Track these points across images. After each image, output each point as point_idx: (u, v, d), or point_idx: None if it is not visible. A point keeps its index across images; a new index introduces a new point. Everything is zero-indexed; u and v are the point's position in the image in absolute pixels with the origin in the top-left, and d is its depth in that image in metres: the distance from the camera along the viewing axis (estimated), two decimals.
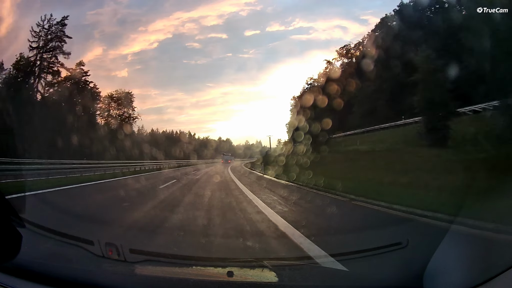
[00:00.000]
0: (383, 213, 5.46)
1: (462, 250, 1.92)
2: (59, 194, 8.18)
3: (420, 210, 4.92)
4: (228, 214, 5.82)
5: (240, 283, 1.71)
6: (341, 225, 4.92)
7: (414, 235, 3.74)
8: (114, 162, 23.36)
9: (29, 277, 1.58)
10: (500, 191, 3.82)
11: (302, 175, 12.35)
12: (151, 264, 2.13)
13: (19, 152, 15.84)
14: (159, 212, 5.87)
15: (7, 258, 1.57)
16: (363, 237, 3.73)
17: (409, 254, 2.30)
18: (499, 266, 1.33)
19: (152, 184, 12.32)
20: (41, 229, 2.86)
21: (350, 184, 8.43)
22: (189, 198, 8.06)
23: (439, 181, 6.91)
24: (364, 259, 2.60)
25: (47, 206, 6.12)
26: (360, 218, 5.64)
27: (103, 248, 2.04)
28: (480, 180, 5.59)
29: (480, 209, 3.81)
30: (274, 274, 1.89)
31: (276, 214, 5.39)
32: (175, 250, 3.34)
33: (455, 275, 1.53)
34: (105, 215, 5.76)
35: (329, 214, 5.79)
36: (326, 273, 2.14)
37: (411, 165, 10.49)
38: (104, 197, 8.53)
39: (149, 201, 7.31)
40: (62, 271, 1.66)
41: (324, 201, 7.24)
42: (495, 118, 12.00)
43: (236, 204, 6.94)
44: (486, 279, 1.32)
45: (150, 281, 1.73)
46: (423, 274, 1.63)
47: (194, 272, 2.12)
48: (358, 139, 24.34)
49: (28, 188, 8.17)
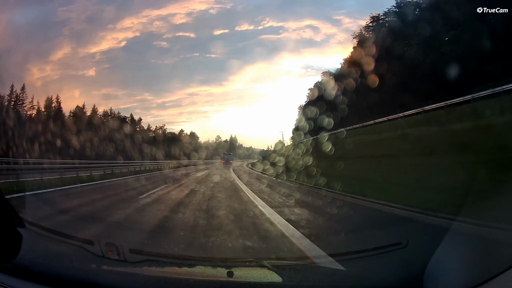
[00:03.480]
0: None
1: (462, 249, 1.92)
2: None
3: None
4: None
5: (240, 283, 1.71)
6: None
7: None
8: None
9: (29, 277, 1.58)
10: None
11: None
12: (151, 264, 2.13)
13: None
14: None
15: (7, 258, 1.57)
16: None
17: (409, 254, 2.30)
18: (499, 266, 1.33)
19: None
20: (41, 229, 2.86)
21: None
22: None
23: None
24: (364, 259, 2.60)
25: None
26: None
27: (103, 248, 2.04)
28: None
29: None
30: (274, 274, 1.89)
31: None
32: (175, 250, 3.34)
33: (455, 275, 1.53)
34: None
35: None
36: (326, 273, 2.14)
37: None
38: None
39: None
40: (62, 271, 1.66)
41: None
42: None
43: None
44: (486, 279, 1.32)
45: (150, 281, 1.73)
46: (423, 274, 1.63)
47: (194, 272, 2.12)
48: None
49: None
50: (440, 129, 13.26)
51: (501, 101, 13.11)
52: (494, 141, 8.45)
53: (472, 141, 9.09)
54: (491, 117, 11.22)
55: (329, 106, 27.75)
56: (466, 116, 12.66)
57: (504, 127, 9.31)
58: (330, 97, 27.89)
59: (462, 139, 9.76)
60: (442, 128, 13.14)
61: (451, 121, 13.27)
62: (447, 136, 11.27)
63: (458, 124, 12.31)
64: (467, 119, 12.17)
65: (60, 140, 27.79)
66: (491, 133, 9.40)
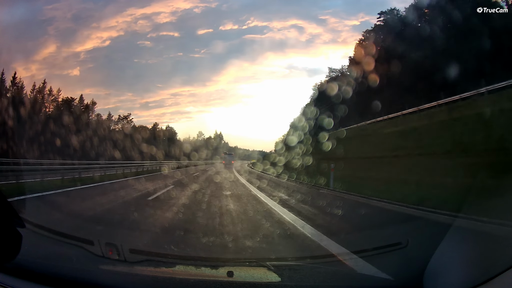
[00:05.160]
0: None
1: (462, 249, 1.91)
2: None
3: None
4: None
5: (240, 283, 1.71)
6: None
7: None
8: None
9: (29, 277, 1.57)
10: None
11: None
12: (151, 264, 2.13)
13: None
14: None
15: (7, 258, 1.56)
16: None
17: (409, 254, 2.30)
18: (499, 266, 1.33)
19: None
20: (41, 229, 2.86)
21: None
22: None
23: None
24: (364, 259, 2.60)
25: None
26: None
27: (103, 248, 2.04)
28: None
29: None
30: (274, 274, 1.89)
31: None
32: (175, 250, 3.34)
33: (456, 274, 1.53)
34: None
35: None
36: (326, 273, 2.14)
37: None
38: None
39: None
40: (62, 271, 1.66)
41: None
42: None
43: None
44: (486, 279, 1.32)
45: (150, 281, 1.73)
46: (423, 274, 1.62)
47: (194, 272, 2.12)
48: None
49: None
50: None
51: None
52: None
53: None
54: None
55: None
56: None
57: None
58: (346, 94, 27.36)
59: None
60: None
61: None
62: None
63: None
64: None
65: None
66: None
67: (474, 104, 15.34)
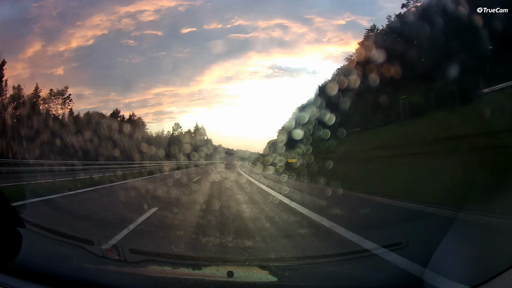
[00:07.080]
0: None
1: (462, 249, 1.91)
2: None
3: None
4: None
5: (240, 283, 1.71)
6: None
7: None
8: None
9: (29, 277, 1.57)
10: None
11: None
12: (151, 264, 2.13)
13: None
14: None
15: (7, 258, 1.56)
16: None
17: (409, 254, 2.30)
18: (499, 266, 1.32)
19: None
20: (41, 229, 2.86)
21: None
22: None
23: None
24: (364, 259, 2.60)
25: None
26: None
27: (103, 248, 2.04)
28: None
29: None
30: (274, 274, 1.89)
31: None
32: (175, 250, 3.34)
33: (455, 274, 1.53)
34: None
35: None
36: (326, 273, 2.14)
37: None
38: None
39: None
40: (62, 271, 1.66)
41: None
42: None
43: None
44: (487, 279, 1.32)
45: (150, 281, 1.73)
46: (423, 274, 1.62)
47: (194, 272, 2.12)
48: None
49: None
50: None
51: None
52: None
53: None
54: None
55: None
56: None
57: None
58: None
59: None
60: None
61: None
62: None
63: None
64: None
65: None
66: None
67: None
